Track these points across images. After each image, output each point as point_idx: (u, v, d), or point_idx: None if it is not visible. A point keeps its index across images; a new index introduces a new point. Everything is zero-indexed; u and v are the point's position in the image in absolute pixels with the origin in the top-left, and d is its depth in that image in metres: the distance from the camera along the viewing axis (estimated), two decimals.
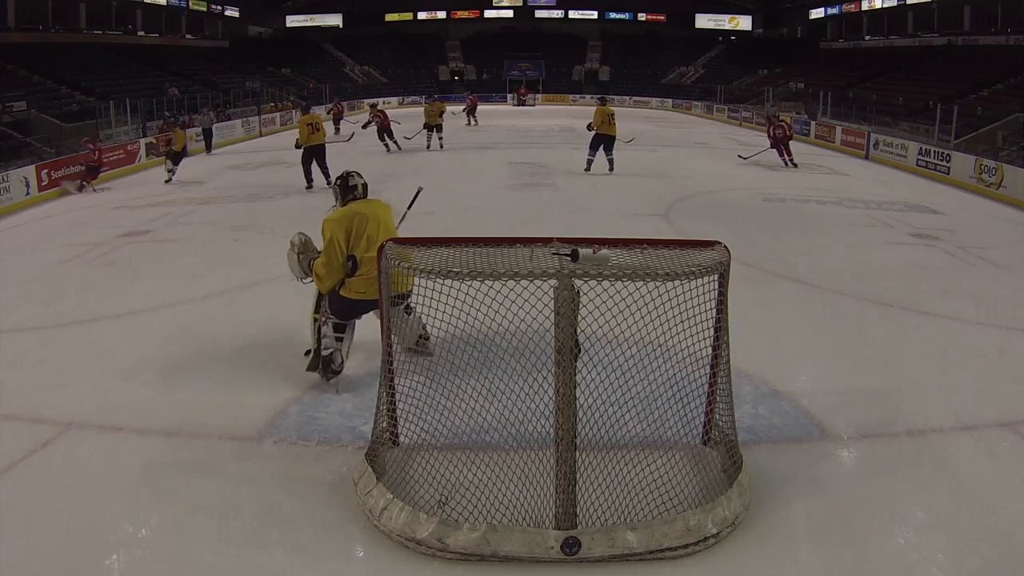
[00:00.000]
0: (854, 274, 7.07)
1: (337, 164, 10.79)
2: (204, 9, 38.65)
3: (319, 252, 4.54)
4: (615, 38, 46.67)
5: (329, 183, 10.99)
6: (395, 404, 3.62)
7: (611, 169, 13.49)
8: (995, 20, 27.65)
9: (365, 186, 4.68)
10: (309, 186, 12.13)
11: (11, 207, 11.17)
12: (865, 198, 11.67)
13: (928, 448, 3.88)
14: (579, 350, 3.02)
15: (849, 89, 27.43)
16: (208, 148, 18.94)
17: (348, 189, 4.62)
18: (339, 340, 4.51)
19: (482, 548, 2.93)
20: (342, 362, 4.53)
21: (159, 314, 5.94)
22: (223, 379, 4.71)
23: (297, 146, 12.05)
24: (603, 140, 13.46)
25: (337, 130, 22.01)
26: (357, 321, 4.64)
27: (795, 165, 14.71)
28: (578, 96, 42.64)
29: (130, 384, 4.64)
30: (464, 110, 26.32)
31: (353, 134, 18.57)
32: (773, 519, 3.25)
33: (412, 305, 4.40)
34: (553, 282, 2.92)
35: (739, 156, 15.56)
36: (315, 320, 4.71)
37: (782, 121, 15.71)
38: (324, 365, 4.50)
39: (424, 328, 4.56)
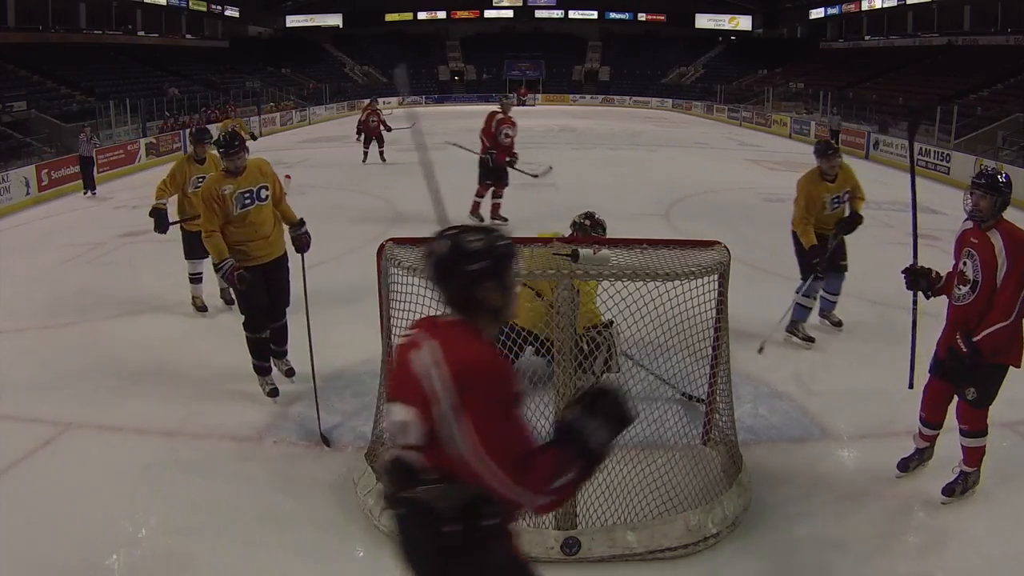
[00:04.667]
0: (854, 274, 7.03)
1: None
2: (204, 9, 38.63)
3: None
4: (615, 38, 46.66)
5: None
6: None
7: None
8: (995, 20, 27.63)
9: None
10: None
11: (11, 207, 11.17)
12: (865, 198, 11.62)
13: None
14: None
15: (849, 89, 27.42)
16: (88, 185, 12.64)
17: None
18: None
19: None
20: None
21: (159, 314, 5.94)
22: (223, 379, 4.71)
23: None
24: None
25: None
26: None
27: None
28: (578, 96, 42.65)
29: (130, 384, 4.64)
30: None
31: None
32: (773, 519, 3.25)
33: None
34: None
35: None
36: None
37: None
38: None
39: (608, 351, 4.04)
